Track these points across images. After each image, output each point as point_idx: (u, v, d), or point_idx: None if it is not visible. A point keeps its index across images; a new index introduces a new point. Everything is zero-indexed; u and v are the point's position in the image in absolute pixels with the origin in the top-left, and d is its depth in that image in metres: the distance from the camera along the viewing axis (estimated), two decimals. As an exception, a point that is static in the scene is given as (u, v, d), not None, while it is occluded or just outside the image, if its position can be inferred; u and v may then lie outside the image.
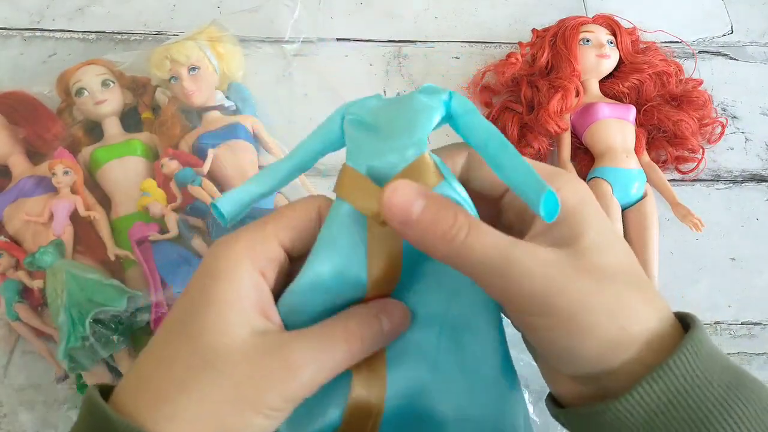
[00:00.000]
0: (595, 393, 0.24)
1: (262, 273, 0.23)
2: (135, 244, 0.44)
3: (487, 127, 0.24)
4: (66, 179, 0.46)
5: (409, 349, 0.26)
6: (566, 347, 0.23)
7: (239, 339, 0.22)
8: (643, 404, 0.22)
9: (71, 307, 0.40)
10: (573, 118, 0.53)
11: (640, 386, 0.22)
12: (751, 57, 0.62)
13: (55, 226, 0.44)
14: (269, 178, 0.26)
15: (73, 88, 0.50)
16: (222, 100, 0.53)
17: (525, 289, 0.22)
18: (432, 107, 0.24)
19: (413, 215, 0.22)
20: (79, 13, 0.62)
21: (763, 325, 0.47)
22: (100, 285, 0.42)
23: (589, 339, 0.22)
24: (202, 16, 0.57)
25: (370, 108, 0.25)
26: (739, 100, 0.59)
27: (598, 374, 0.23)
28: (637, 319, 0.22)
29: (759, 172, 0.55)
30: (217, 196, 0.46)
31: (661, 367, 0.21)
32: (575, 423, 0.25)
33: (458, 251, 0.22)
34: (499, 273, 0.22)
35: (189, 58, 0.51)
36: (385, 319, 0.24)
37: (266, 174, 0.26)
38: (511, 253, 0.22)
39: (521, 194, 0.22)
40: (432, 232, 0.22)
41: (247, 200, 0.25)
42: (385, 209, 0.22)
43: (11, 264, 0.44)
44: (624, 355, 0.22)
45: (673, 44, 0.62)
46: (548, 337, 0.23)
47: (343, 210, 0.24)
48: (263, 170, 0.25)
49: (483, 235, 0.22)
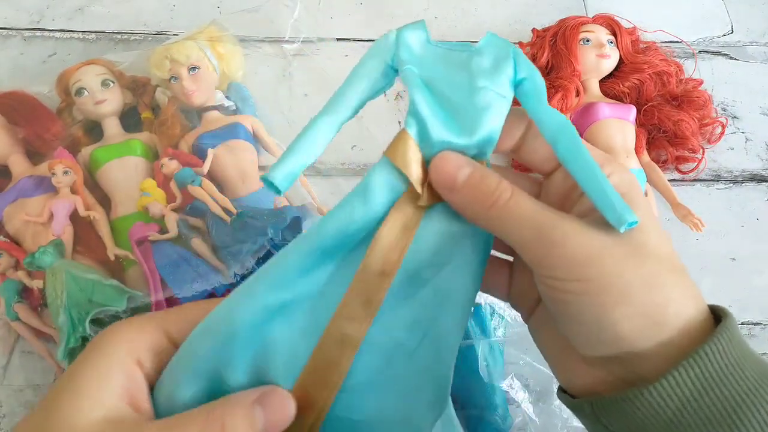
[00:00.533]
0: (619, 379, 0.24)
1: (139, 362, 0.23)
2: (135, 244, 0.44)
3: (558, 122, 0.24)
4: (66, 179, 0.46)
5: (377, 342, 0.26)
6: (598, 318, 0.22)
7: (87, 425, 0.21)
8: (677, 390, 0.21)
9: (71, 308, 0.40)
10: (573, 118, 0.53)
11: (676, 371, 0.21)
12: (751, 57, 0.62)
13: (55, 226, 0.44)
14: (312, 139, 0.25)
15: (72, 88, 0.50)
16: (222, 100, 0.53)
17: (565, 253, 0.22)
18: (501, 103, 0.23)
19: (459, 180, 0.23)
20: (79, 13, 0.61)
21: (763, 325, 0.47)
22: (100, 285, 0.41)
23: (622, 310, 0.22)
24: (202, 16, 0.57)
25: (422, 60, 0.25)
26: (739, 100, 0.59)
27: (626, 355, 0.23)
28: (673, 301, 0.22)
29: (759, 172, 0.55)
30: (216, 197, 0.46)
31: (697, 352, 0.21)
32: (601, 412, 0.24)
33: (500, 213, 0.23)
34: (539, 236, 0.22)
35: (189, 57, 0.51)
36: (259, 410, 0.23)
37: (307, 135, 0.25)
38: (554, 218, 0.23)
39: (596, 201, 0.22)
40: (476, 195, 0.23)
41: (297, 166, 0.25)
42: (433, 174, 0.23)
43: (11, 264, 0.44)
44: (658, 336, 0.22)
45: (674, 44, 0.62)
46: (581, 304, 0.22)
47: (385, 173, 0.24)
48: (303, 132, 0.25)
49: (526, 199, 0.23)
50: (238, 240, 0.43)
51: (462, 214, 0.24)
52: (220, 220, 0.45)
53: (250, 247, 0.43)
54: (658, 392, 0.22)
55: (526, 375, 0.45)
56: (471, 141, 0.24)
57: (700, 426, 0.21)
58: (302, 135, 0.25)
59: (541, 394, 0.44)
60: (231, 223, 0.44)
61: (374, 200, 0.24)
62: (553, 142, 0.24)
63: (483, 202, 0.23)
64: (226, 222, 0.44)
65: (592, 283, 0.22)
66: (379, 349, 0.26)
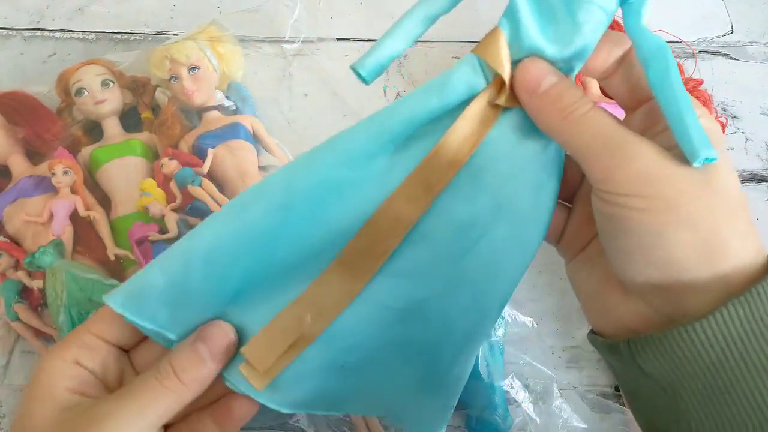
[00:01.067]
0: (660, 314, 0.23)
1: (77, 362, 0.26)
2: (135, 244, 0.44)
3: (657, 43, 0.23)
4: (66, 179, 0.46)
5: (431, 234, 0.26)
6: (657, 235, 0.22)
7: (48, 418, 0.25)
8: (724, 329, 0.21)
9: (71, 307, 0.40)
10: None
11: (725, 308, 0.21)
12: (751, 57, 0.62)
13: (55, 226, 0.44)
14: (404, 30, 0.26)
15: (72, 88, 0.50)
16: (222, 99, 0.52)
17: (637, 167, 0.22)
18: (602, 17, 0.23)
19: (542, 86, 0.23)
20: (79, 13, 0.61)
21: (763, 325, 0.47)
22: (100, 285, 0.42)
23: (684, 233, 0.21)
24: (202, 16, 0.57)
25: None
26: (739, 100, 0.59)
27: (674, 285, 0.22)
28: (737, 238, 0.22)
29: (759, 172, 0.55)
30: (217, 196, 0.46)
31: (750, 291, 0.21)
32: (639, 352, 0.23)
33: (576, 124, 0.23)
34: (611, 149, 0.22)
35: (189, 57, 0.51)
36: (200, 344, 0.25)
37: (401, 25, 0.26)
38: (630, 135, 0.22)
39: (676, 130, 0.22)
40: (555, 103, 0.23)
41: (386, 57, 0.25)
42: (519, 74, 0.24)
43: (11, 264, 0.44)
44: (713, 267, 0.22)
45: (673, 44, 0.62)
46: (642, 221, 0.22)
47: (468, 69, 0.25)
48: (396, 23, 0.26)
49: (604, 115, 0.23)
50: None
51: (536, 122, 0.24)
52: (221, 219, 0.45)
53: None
54: (704, 329, 0.21)
55: (526, 375, 0.45)
56: (563, 53, 0.24)
57: (744, 372, 0.21)
58: (395, 26, 0.26)
59: (541, 394, 0.44)
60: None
61: (451, 94, 0.25)
62: (645, 64, 0.23)
63: (561, 110, 0.23)
64: (227, 222, 0.44)
65: (658, 202, 0.22)
66: (427, 241, 0.26)
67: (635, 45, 0.24)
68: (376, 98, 0.57)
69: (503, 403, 0.42)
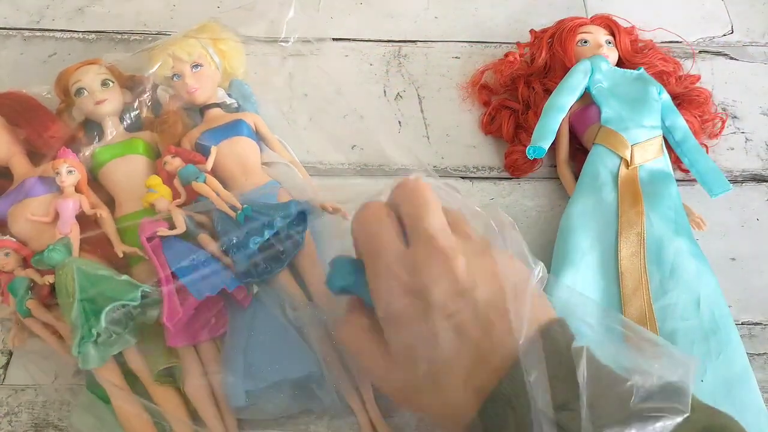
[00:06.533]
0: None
1: None
2: (145, 240, 0.43)
3: (686, 128, 0.51)
4: (70, 178, 0.46)
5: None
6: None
7: None
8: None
9: (84, 302, 0.40)
10: (572, 119, 0.53)
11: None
12: (751, 57, 0.62)
13: (62, 225, 0.44)
14: (558, 112, 0.51)
15: (72, 88, 0.50)
16: (224, 97, 0.52)
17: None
18: (658, 104, 0.51)
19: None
20: (79, 13, 0.62)
21: (763, 325, 0.47)
22: (112, 280, 0.41)
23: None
24: (202, 17, 0.57)
25: (607, 75, 0.52)
26: (739, 100, 0.59)
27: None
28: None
29: (759, 172, 0.55)
30: (221, 193, 0.46)
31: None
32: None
33: None
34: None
35: (191, 55, 0.51)
36: None
37: (552, 110, 0.50)
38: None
39: (699, 176, 0.50)
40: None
41: (548, 140, 0.49)
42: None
43: (19, 262, 0.44)
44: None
45: (673, 44, 0.62)
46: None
47: (602, 154, 0.49)
48: (548, 108, 0.47)
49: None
50: (244, 233, 0.43)
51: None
52: (226, 215, 0.45)
53: (257, 239, 0.43)
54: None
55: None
56: (650, 124, 0.50)
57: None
58: (546, 111, 0.51)
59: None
60: (236, 217, 0.44)
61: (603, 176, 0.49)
62: (677, 140, 0.51)
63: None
64: (232, 217, 0.45)
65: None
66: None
67: (671, 126, 0.52)
68: (377, 98, 0.57)
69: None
